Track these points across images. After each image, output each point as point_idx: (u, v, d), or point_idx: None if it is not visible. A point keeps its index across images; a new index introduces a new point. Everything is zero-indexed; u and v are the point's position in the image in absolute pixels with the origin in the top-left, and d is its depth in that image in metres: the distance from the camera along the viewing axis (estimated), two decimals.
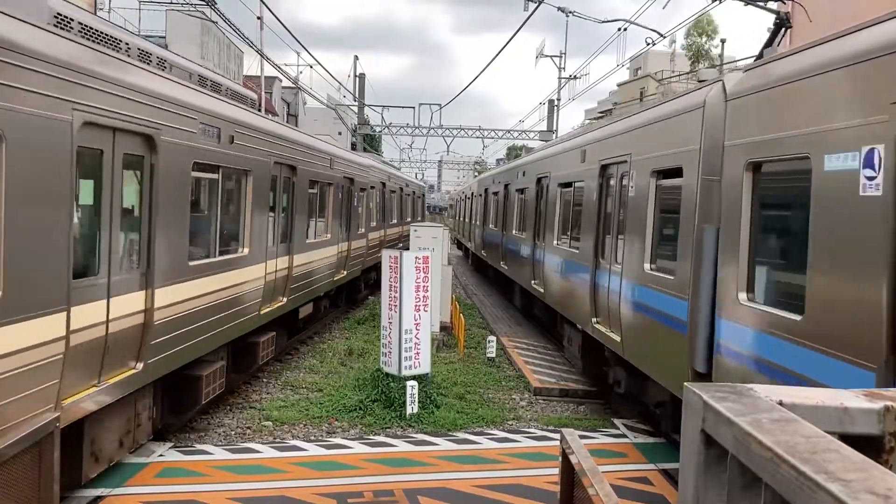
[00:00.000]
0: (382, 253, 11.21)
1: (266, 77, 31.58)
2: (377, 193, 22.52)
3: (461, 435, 9.28)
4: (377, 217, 22.59)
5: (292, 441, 8.87)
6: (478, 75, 79.88)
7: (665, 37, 20.97)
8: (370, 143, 48.39)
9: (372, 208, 21.42)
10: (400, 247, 18.33)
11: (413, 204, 34.11)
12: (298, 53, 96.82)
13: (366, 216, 20.19)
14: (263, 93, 25.86)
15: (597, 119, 48.94)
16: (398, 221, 27.76)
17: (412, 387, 9.92)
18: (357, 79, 37.20)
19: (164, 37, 31.38)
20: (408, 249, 12.09)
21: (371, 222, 21.15)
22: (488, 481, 7.67)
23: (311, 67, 47.79)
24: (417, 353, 10.61)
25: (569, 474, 5.02)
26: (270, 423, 9.58)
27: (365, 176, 19.93)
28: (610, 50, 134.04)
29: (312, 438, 9.03)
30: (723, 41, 37.02)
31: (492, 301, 22.73)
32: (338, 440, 8.95)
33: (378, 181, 22.58)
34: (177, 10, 32.37)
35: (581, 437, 5.88)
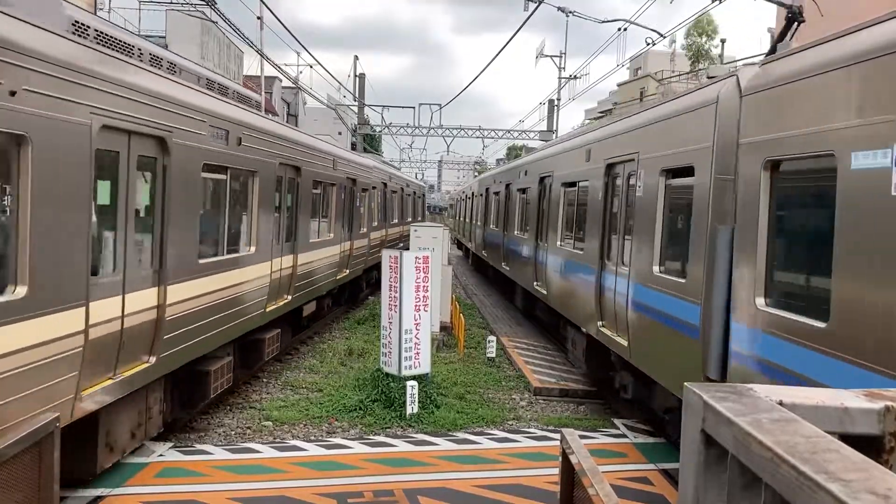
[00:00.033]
0: (382, 253, 11.22)
1: (266, 77, 31.55)
2: (379, 194, 22.64)
3: (461, 435, 9.28)
4: (379, 217, 22.72)
5: (292, 441, 8.87)
6: (478, 75, 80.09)
7: (665, 37, 21.00)
8: (370, 143, 48.36)
9: (374, 208, 21.52)
10: (400, 246, 18.37)
11: (414, 204, 34.20)
12: (298, 53, 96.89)
13: (368, 216, 20.29)
14: (264, 93, 25.86)
15: (597, 119, 48.92)
16: (399, 221, 27.90)
17: (412, 387, 9.92)
18: (357, 79, 37.20)
19: (164, 37, 31.42)
20: (408, 249, 12.10)
21: (373, 222, 21.26)
22: (488, 481, 7.67)
23: (311, 67, 47.59)
24: (417, 353, 10.61)
25: (569, 474, 5.02)
26: (270, 423, 9.58)
27: (367, 176, 20.01)
28: (610, 50, 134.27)
29: (312, 438, 9.03)
30: (723, 41, 37.08)
31: (492, 301, 22.73)
32: (338, 440, 8.95)
33: (379, 181, 22.69)
34: (177, 10, 32.42)
35: (581, 437, 5.89)
